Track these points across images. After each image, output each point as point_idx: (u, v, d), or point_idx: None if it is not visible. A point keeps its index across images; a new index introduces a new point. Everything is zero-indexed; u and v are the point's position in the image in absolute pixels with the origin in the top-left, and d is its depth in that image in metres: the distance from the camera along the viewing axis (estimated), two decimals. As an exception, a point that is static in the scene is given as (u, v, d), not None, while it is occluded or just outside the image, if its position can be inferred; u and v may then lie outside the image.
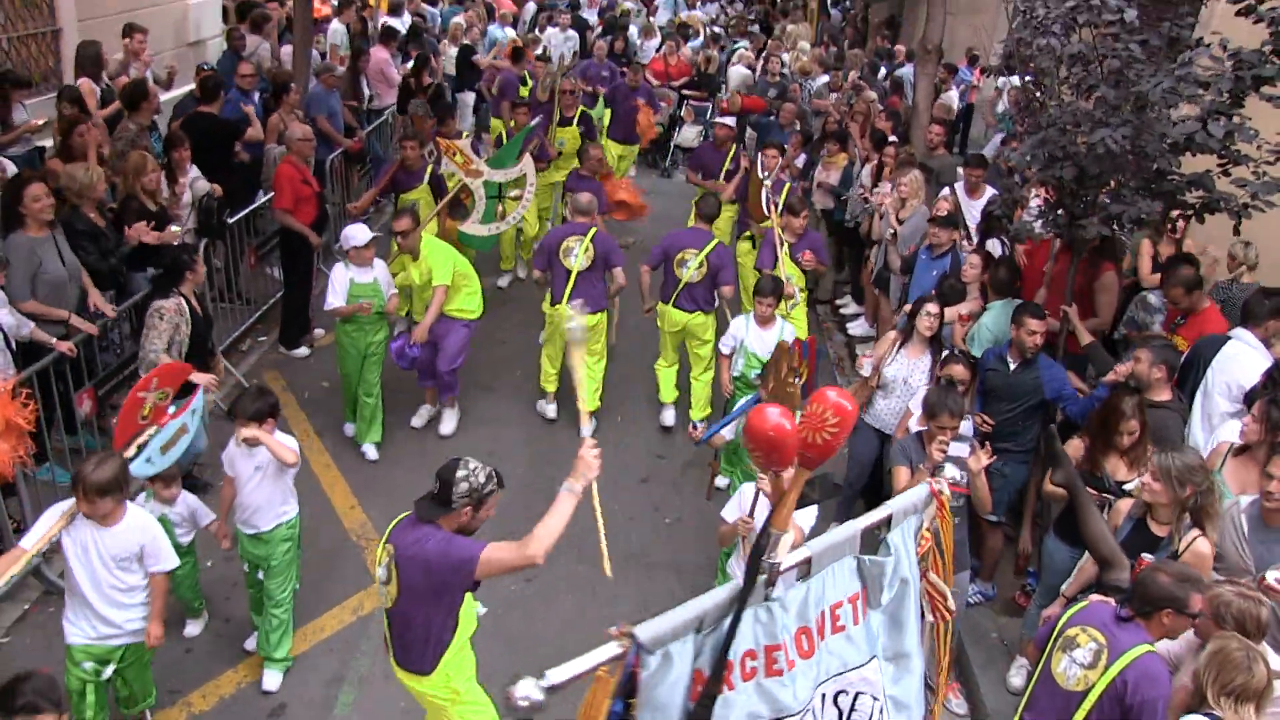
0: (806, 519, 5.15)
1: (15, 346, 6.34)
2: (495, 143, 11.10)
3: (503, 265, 11.52)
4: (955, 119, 13.72)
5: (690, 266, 8.33)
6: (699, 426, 8.44)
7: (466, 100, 15.54)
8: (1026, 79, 7.03)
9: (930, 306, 6.87)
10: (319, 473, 7.79)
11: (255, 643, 5.99)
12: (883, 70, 16.12)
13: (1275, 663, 3.91)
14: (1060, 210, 6.59)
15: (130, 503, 4.95)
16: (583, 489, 4.34)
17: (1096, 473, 5.75)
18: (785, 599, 2.94)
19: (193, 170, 8.65)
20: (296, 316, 9.49)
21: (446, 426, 8.47)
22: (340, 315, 7.69)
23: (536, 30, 17.95)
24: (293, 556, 5.85)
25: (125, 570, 4.87)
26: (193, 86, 10.49)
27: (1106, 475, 5.71)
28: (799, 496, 2.98)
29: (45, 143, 8.70)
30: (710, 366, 8.73)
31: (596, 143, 11.34)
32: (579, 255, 8.26)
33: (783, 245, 8.58)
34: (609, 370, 8.86)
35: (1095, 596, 4.43)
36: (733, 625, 2.78)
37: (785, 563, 2.89)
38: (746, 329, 7.50)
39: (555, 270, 8.38)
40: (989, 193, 9.12)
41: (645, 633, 2.64)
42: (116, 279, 7.49)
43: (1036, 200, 7.65)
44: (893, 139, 10.79)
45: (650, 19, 21.30)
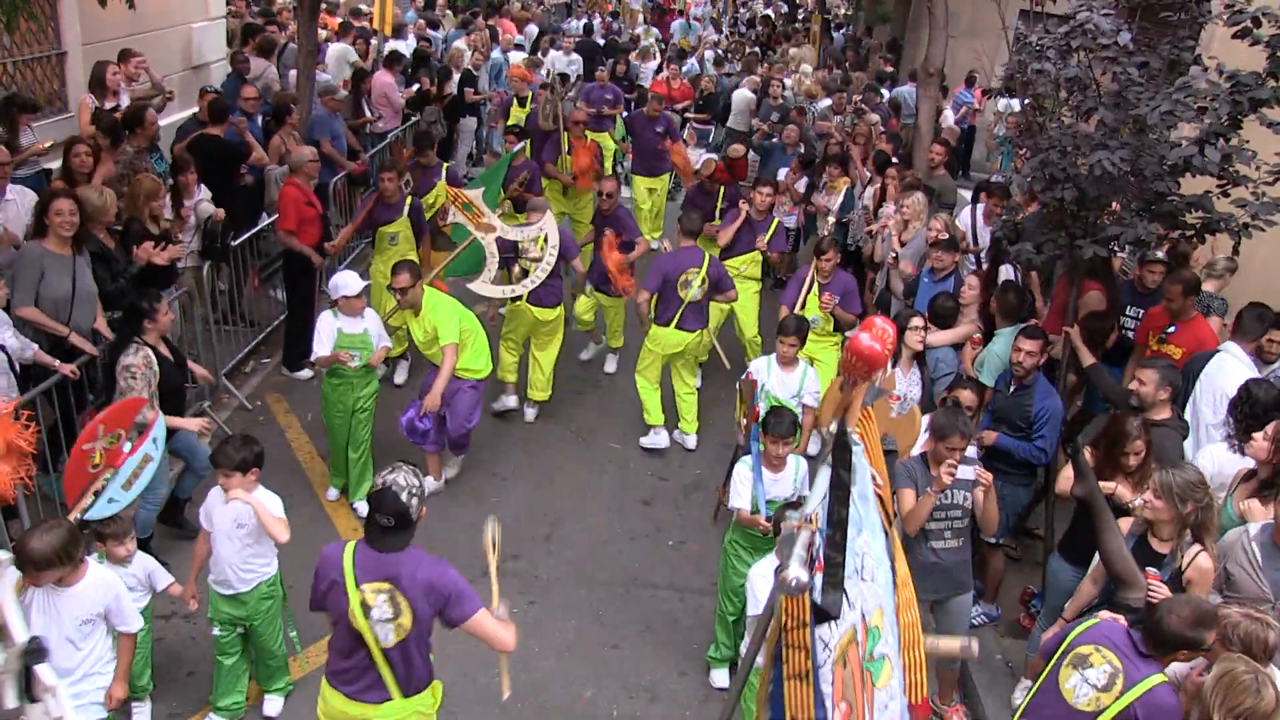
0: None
1: (19, 369, 6.34)
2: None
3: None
4: (956, 141, 13.76)
5: (694, 285, 8.30)
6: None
7: (468, 126, 15.60)
8: (1026, 102, 7.06)
9: (915, 320, 7.02)
10: (322, 495, 7.79)
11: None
12: (885, 94, 16.17)
13: None
14: (1061, 232, 6.60)
15: (90, 558, 4.64)
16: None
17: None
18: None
19: (200, 192, 8.70)
20: (299, 338, 9.49)
21: (449, 472, 8.14)
22: (323, 365, 7.28)
23: (539, 53, 18.03)
24: (277, 610, 5.57)
25: (87, 635, 4.55)
26: (195, 110, 10.56)
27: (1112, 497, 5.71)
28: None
29: (53, 165, 8.73)
30: (695, 390, 8.82)
31: (609, 177, 11.26)
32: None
33: (812, 285, 8.49)
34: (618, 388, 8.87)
35: (1105, 614, 4.42)
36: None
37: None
38: (768, 371, 7.28)
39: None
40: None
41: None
42: (124, 300, 7.46)
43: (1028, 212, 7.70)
44: (894, 160, 10.81)
45: (649, 41, 21.39)
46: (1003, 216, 8.68)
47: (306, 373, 9.47)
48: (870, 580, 3.22)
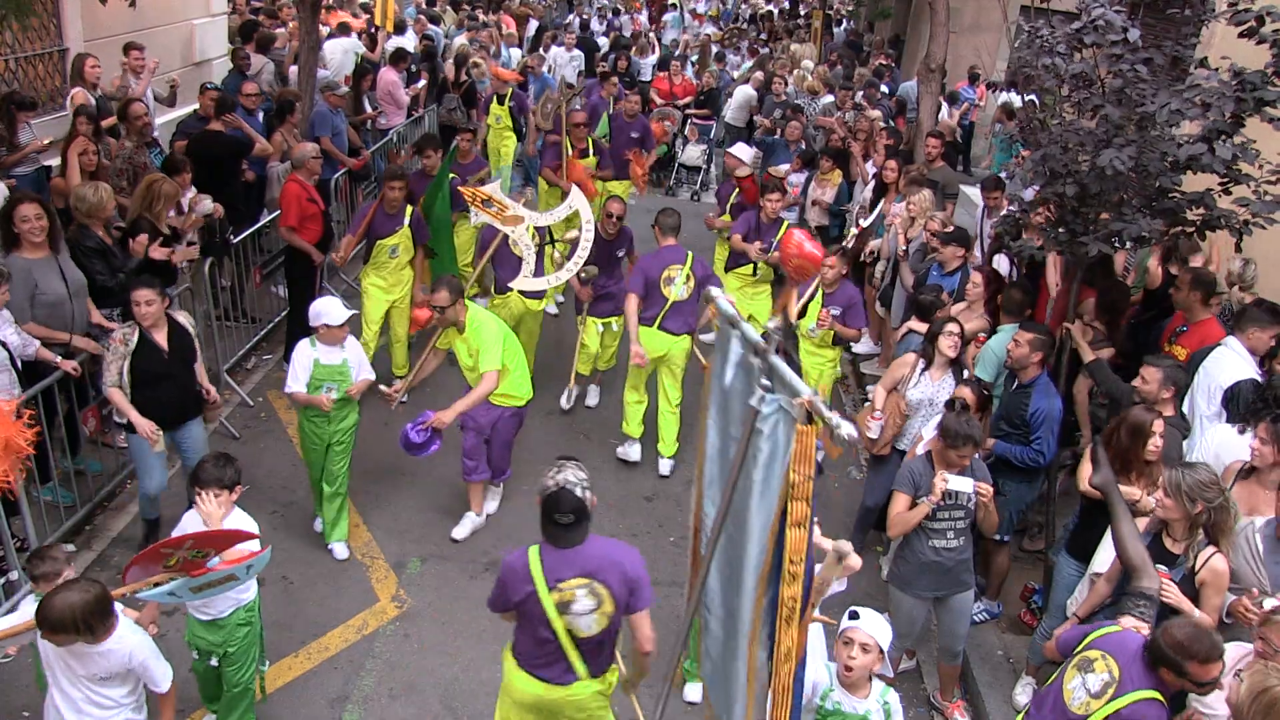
0: None
1: (20, 365, 6.35)
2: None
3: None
4: (955, 136, 13.77)
5: (678, 283, 8.06)
6: None
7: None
8: (1030, 98, 7.04)
9: (951, 325, 6.79)
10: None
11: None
12: (885, 89, 16.17)
13: None
14: (1061, 228, 6.59)
15: (122, 617, 4.33)
16: None
17: None
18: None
19: (190, 190, 8.68)
20: (301, 335, 9.48)
21: (491, 505, 7.76)
22: (299, 404, 6.80)
23: (540, 50, 18.03)
24: (252, 640, 5.28)
25: (106, 686, 4.36)
26: (196, 106, 10.56)
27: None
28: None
29: (52, 162, 8.74)
30: (680, 400, 8.45)
31: (615, 197, 10.25)
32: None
33: (817, 292, 8.11)
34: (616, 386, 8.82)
35: (1128, 622, 4.34)
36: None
37: None
38: None
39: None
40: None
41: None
42: (124, 296, 7.46)
43: (1039, 221, 7.66)
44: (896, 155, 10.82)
45: (649, 36, 21.41)
46: (1004, 212, 8.69)
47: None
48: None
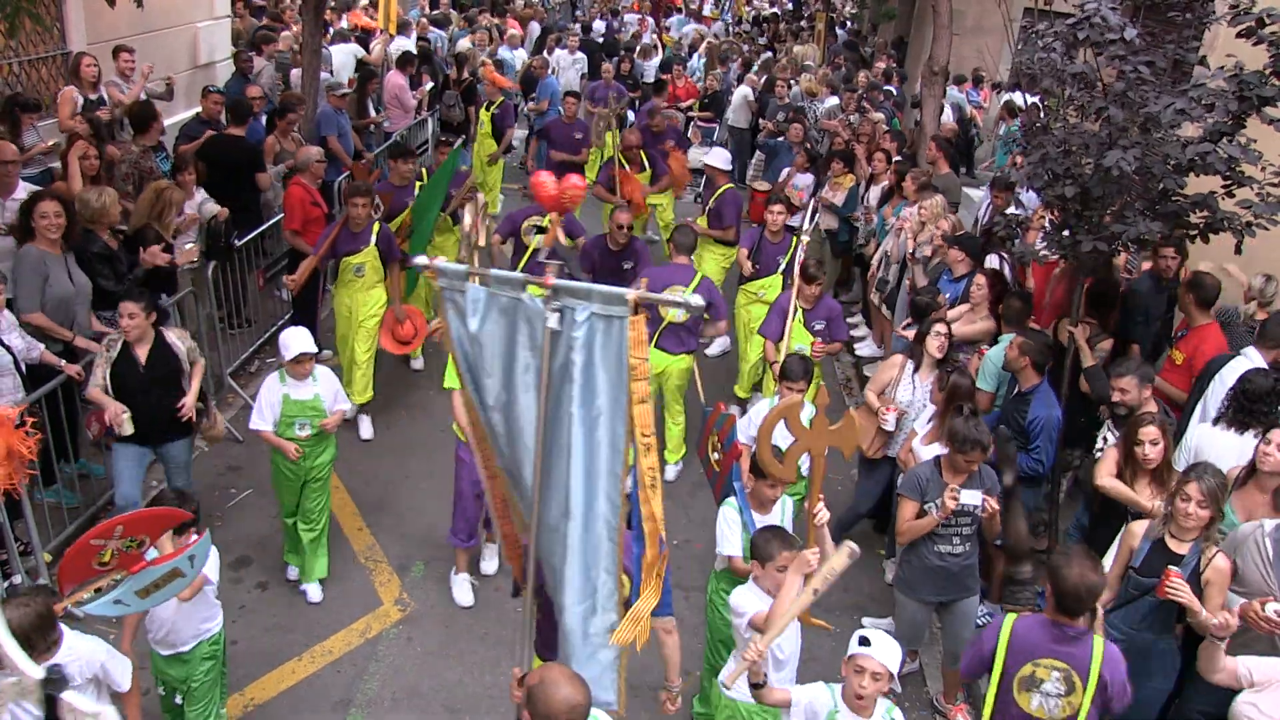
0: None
1: (24, 369, 6.36)
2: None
3: None
4: (959, 138, 13.74)
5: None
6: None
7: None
8: (1033, 100, 7.05)
9: (939, 326, 6.83)
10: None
11: None
12: (894, 91, 16.14)
13: None
14: (1065, 231, 6.59)
15: (66, 628, 4.21)
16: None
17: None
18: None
19: (199, 193, 8.70)
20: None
21: (489, 565, 7.20)
22: (266, 442, 6.44)
23: (545, 52, 18.04)
24: (215, 676, 5.16)
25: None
26: (199, 109, 10.57)
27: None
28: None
29: (57, 164, 8.75)
30: (683, 419, 8.39)
31: (621, 207, 9.96)
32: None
33: (795, 313, 7.75)
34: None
35: (1013, 619, 4.54)
36: None
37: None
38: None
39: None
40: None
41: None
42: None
43: (1044, 224, 7.65)
44: (898, 158, 10.81)
45: (652, 39, 21.41)
46: (1005, 212, 8.70)
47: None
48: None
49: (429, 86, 14.67)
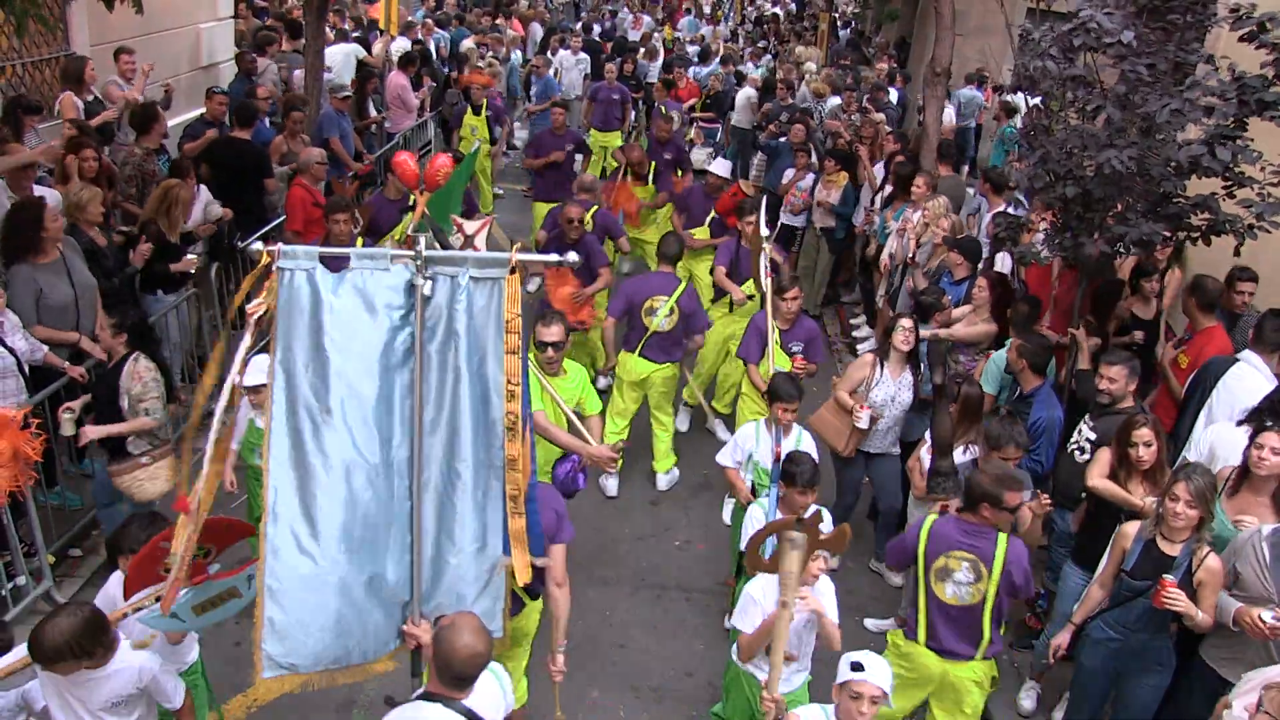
0: None
1: (28, 371, 6.37)
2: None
3: None
4: (961, 140, 13.76)
5: (660, 314, 7.74)
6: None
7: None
8: (1035, 102, 7.06)
9: (905, 321, 6.91)
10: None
11: None
12: (894, 92, 16.13)
13: None
14: (1067, 232, 6.59)
15: (122, 639, 4.16)
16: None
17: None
18: None
19: (202, 193, 8.71)
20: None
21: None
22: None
23: (548, 53, 18.06)
24: (202, 700, 4.99)
25: (119, 714, 4.19)
26: (203, 110, 10.58)
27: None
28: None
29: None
30: (670, 426, 8.33)
31: (573, 203, 9.48)
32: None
33: (773, 333, 7.35)
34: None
35: (933, 519, 5.21)
36: None
37: None
38: (757, 441, 6.31)
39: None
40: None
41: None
42: (120, 299, 7.42)
43: (1044, 225, 7.65)
44: (900, 158, 10.81)
45: (655, 39, 21.40)
46: (1001, 208, 8.71)
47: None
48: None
49: (433, 86, 14.68)
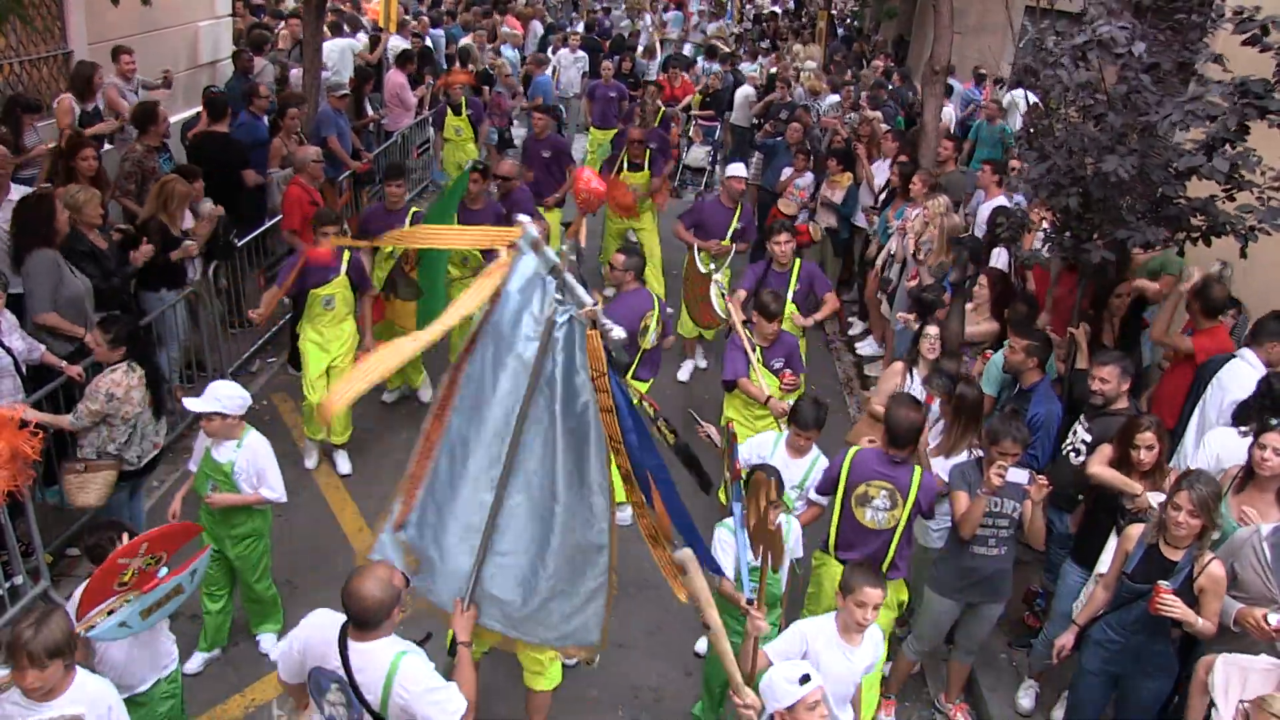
0: None
1: (25, 371, 6.35)
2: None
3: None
4: (961, 137, 13.73)
5: (652, 330, 7.52)
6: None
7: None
8: (1035, 100, 7.05)
9: (930, 329, 6.93)
10: (328, 495, 7.80)
11: None
12: (895, 91, 16.14)
13: None
14: (1067, 234, 6.59)
15: (78, 668, 3.99)
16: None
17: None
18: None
19: (205, 201, 8.70)
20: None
21: None
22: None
23: (549, 51, 18.04)
24: (178, 711, 4.92)
25: None
26: (200, 108, 10.57)
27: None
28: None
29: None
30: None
31: (505, 159, 9.72)
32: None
33: (754, 351, 7.25)
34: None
35: (855, 450, 5.72)
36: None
37: None
38: (773, 453, 6.16)
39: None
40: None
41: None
42: (120, 299, 7.44)
43: (1045, 226, 7.64)
44: (903, 158, 10.81)
45: (654, 38, 21.39)
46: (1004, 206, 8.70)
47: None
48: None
49: (430, 86, 14.66)
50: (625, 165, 11.15)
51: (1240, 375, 6.11)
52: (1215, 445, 5.81)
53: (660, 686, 6.28)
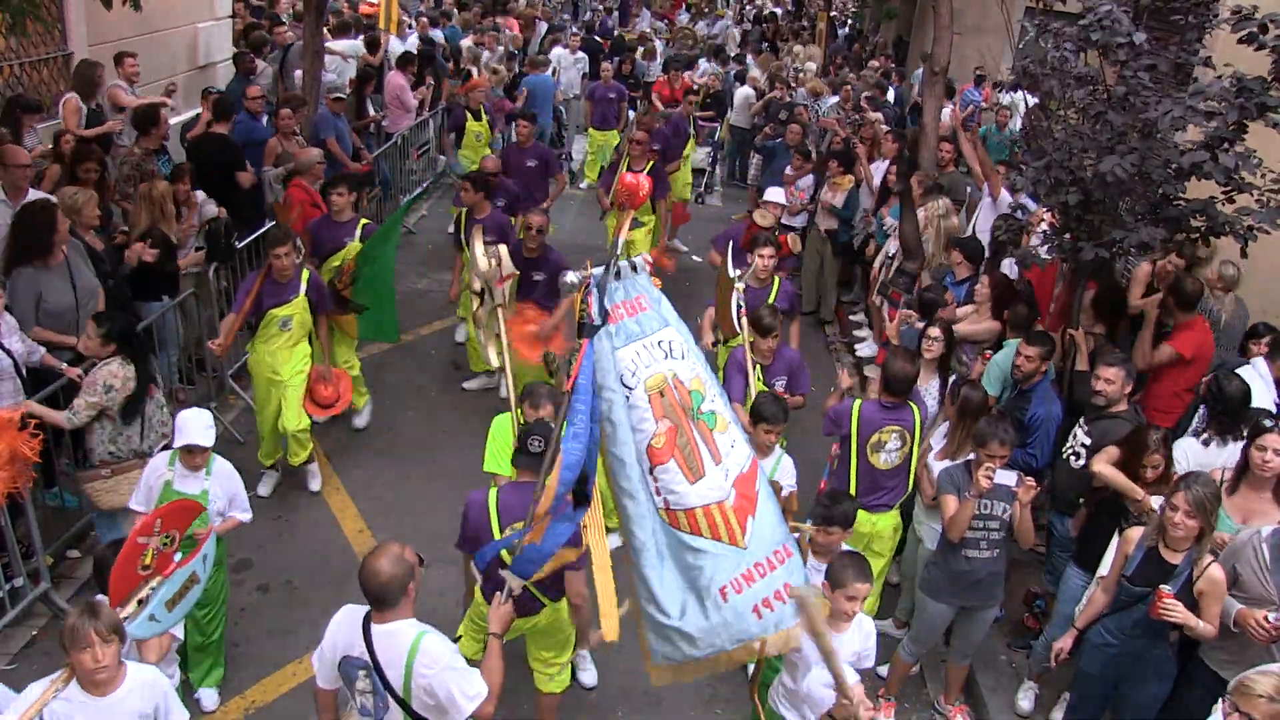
0: None
1: (25, 373, 6.35)
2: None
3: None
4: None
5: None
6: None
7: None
8: (1034, 102, 7.05)
9: (932, 331, 6.92)
10: (328, 496, 7.79)
11: None
12: (891, 91, 16.12)
13: None
14: (1066, 235, 6.59)
15: (129, 661, 4.02)
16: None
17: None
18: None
19: (198, 196, 8.69)
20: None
21: None
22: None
23: (541, 49, 18.03)
24: None
25: None
26: (200, 110, 10.57)
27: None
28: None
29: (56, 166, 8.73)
30: None
31: (537, 211, 8.78)
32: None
33: (754, 367, 7.00)
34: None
35: (859, 403, 6.19)
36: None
37: None
38: (775, 470, 6.03)
39: None
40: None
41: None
42: (119, 300, 7.36)
43: (1043, 225, 7.63)
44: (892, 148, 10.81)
45: (655, 41, 21.36)
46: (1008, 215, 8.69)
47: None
48: (681, 358, 4.21)
49: (431, 86, 14.63)
50: (627, 169, 10.94)
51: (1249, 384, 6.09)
52: (1178, 454, 5.80)
53: (660, 688, 6.26)
